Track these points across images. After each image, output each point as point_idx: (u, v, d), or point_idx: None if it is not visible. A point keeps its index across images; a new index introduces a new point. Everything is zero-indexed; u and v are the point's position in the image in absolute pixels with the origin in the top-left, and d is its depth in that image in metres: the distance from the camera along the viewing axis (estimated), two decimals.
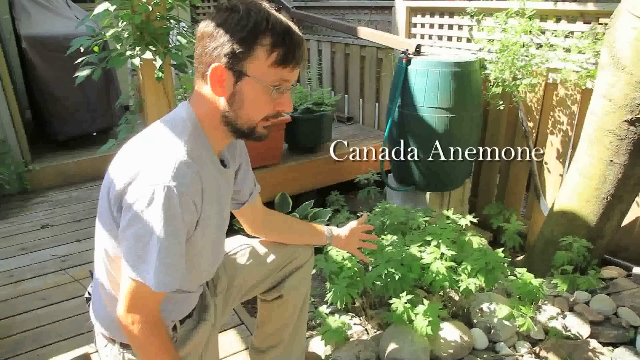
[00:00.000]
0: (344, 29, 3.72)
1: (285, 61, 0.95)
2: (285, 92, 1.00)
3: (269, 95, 0.97)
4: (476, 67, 2.50)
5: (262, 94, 0.97)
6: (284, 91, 0.99)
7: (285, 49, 0.94)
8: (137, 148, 0.99)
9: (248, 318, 1.97)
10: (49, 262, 2.40)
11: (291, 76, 0.99)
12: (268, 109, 1.00)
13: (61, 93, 3.40)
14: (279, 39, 0.93)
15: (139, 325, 0.96)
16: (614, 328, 1.89)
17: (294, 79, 1.01)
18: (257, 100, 0.98)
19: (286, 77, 0.98)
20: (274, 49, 0.93)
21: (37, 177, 3.31)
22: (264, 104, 0.99)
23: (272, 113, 1.01)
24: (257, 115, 1.00)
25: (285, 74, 0.97)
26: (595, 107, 1.94)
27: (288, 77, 0.98)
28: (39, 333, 1.88)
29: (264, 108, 0.99)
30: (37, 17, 3.58)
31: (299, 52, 0.97)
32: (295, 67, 0.98)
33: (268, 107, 0.99)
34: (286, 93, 1.00)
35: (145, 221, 0.90)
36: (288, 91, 1.01)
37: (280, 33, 0.94)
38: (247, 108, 0.98)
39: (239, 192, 1.29)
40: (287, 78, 0.98)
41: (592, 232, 2.11)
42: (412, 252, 1.85)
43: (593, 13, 2.30)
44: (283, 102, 1.00)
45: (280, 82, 0.97)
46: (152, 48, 1.91)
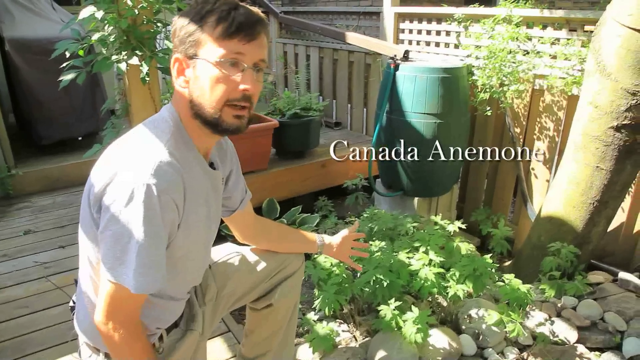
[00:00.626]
0: (332, 35, 3.73)
1: (231, 32, 0.91)
2: (246, 70, 0.94)
3: (221, 72, 0.93)
4: (463, 73, 2.52)
5: (217, 73, 0.92)
6: (243, 69, 0.94)
7: (230, 20, 0.91)
8: (118, 149, 0.97)
9: (235, 325, 1.95)
10: (31, 269, 2.35)
11: (245, 49, 0.93)
12: (227, 90, 0.94)
13: (45, 97, 3.35)
14: (224, 14, 0.91)
15: (119, 331, 0.93)
16: (601, 333, 1.90)
17: (254, 55, 0.95)
18: (212, 81, 0.93)
19: (238, 49, 0.92)
20: (218, 24, 0.91)
21: (21, 182, 3.25)
22: (219, 83, 0.93)
23: (235, 96, 0.95)
24: (214, 98, 0.94)
25: (235, 46, 0.92)
26: (581, 113, 1.96)
27: (241, 50, 0.93)
28: (21, 342, 1.84)
29: (220, 88, 0.93)
30: (21, 20, 3.52)
31: (246, 23, 0.92)
32: (246, 39, 0.93)
33: (226, 87, 0.93)
34: (247, 71, 0.94)
35: (124, 221, 0.87)
36: (250, 69, 0.94)
37: (226, 9, 0.91)
38: (206, 92, 0.94)
39: (230, 198, 1.27)
40: (240, 51, 0.93)
41: (578, 237, 2.13)
42: (400, 258, 1.84)
43: (579, 20, 2.33)
44: (245, 81, 0.94)
45: (232, 56, 0.92)
46: (138, 52, 1.88)
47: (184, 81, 0.97)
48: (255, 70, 0.96)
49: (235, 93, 0.95)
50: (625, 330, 1.88)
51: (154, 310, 1.06)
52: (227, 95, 0.94)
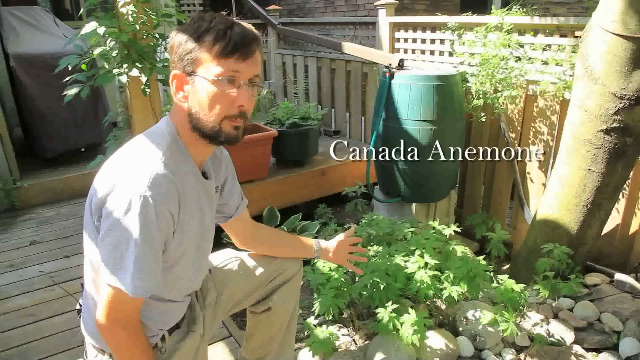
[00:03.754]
0: (329, 45, 3.79)
1: (228, 51, 0.96)
2: (242, 86, 1.00)
3: (219, 89, 0.98)
4: (457, 81, 2.57)
5: (215, 90, 0.98)
6: (240, 86, 0.99)
7: (227, 40, 0.96)
8: (118, 160, 1.02)
9: (237, 331, 1.99)
10: (37, 278, 2.40)
11: (242, 67, 0.98)
12: (225, 105, 0.99)
13: (49, 110, 3.42)
14: (220, 34, 0.96)
15: (119, 332, 0.98)
16: (598, 334, 1.92)
17: (249, 72, 1.00)
18: (210, 97, 0.98)
19: (235, 67, 0.98)
20: (215, 43, 0.96)
21: (26, 194, 3.31)
22: (219, 99, 0.99)
23: (233, 112, 1.01)
24: (215, 113, 1.00)
25: (232, 65, 0.97)
26: (572, 117, 2.00)
27: (237, 68, 0.98)
28: (27, 349, 1.88)
29: (220, 104, 0.99)
30: (25, 36, 3.61)
31: (242, 43, 0.97)
32: (242, 57, 0.98)
33: (224, 102, 0.99)
34: (243, 87, 1.00)
35: (123, 229, 0.93)
36: (245, 86, 1.00)
37: (222, 29, 0.96)
38: (204, 107, 0.99)
39: (226, 205, 1.32)
40: (236, 69, 0.98)
41: (573, 239, 2.16)
42: (396, 262, 1.88)
43: (568, 27, 2.38)
44: (240, 98, 0.99)
45: (229, 74, 0.98)
46: (138, 65, 1.94)
47: (183, 96, 1.02)
48: (251, 85, 1.02)
49: (232, 109, 1.00)
50: (622, 331, 1.90)
51: (155, 312, 1.11)
52: (225, 112, 1.00)
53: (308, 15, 6.56)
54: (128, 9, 1.92)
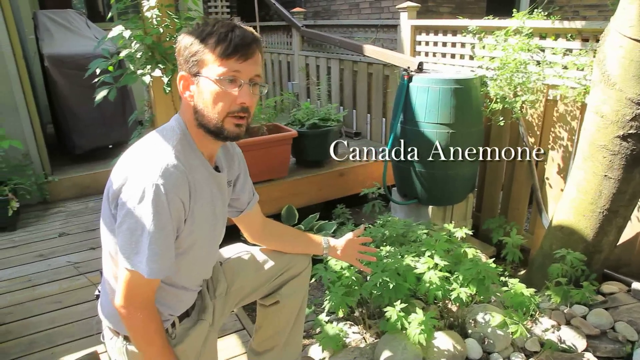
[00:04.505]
0: (350, 47, 3.83)
1: (229, 53, 1.03)
2: (243, 85, 1.06)
3: (221, 88, 1.04)
4: (476, 84, 2.57)
5: (217, 89, 1.05)
6: (241, 85, 1.05)
7: (228, 42, 1.02)
8: (132, 154, 1.10)
9: (250, 324, 2.05)
10: (64, 268, 2.52)
11: (242, 67, 1.05)
12: (227, 103, 1.06)
13: (80, 109, 3.58)
14: (222, 36, 1.03)
15: (136, 314, 1.06)
16: (611, 342, 1.90)
17: (249, 72, 1.06)
18: (214, 96, 1.05)
19: (235, 67, 1.04)
20: (217, 45, 1.03)
21: (56, 188, 3.47)
22: (221, 98, 1.05)
23: (235, 108, 1.07)
24: (217, 110, 1.06)
25: (233, 65, 1.04)
26: (588, 122, 1.99)
27: (238, 68, 1.04)
28: (52, 334, 1.99)
29: (221, 102, 1.06)
30: (59, 37, 3.78)
31: (242, 44, 1.03)
32: (243, 58, 1.04)
33: (226, 101, 1.05)
34: (244, 86, 1.06)
35: (137, 216, 1.00)
36: (246, 85, 1.06)
37: (224, 32, 1.03)
38: (209, 105, 1.06)
39: (238, 200, 1.38)
40: (237, 69, 1.04)
41: (589, 246, 2.14)
42: (407, 262, 1.90)
43: (590, 31, 2.35)
44: (241, 95, 1.06)
45: (230, 73, 1.04)
46: (161, 66, 2.03)
47: (189, 95, 1.09)
48: (252, 84, 1.08)
49: (234, 106, 1.07)
50: (636, 341, 1.88)
51: (167, 298, 1.18)
52: (228, 108, 1.07)
53: (333, 17, 6.61)
54: (152, 13, 2.01)
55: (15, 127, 3.27)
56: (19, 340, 1.95)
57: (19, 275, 2.47)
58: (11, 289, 2.34)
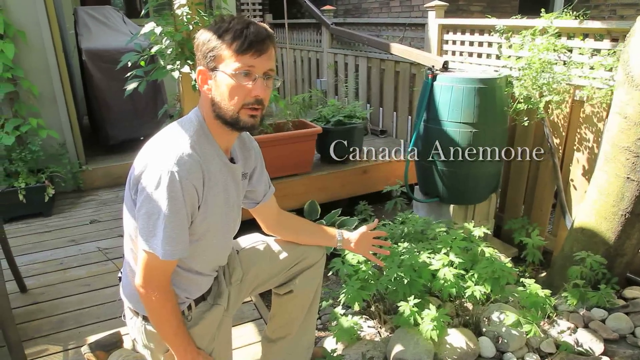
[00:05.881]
0: (377, 45, 3.85)
1: (244, 48, 1.09)
2: (257, 79, 1.12)
3: (237, 82, 1.11)
4: (500, 84, 2.55)
5: (233, 83, 1.11)
6: (255, 79, 1.12)
7: (243, 39, 1.08)
8: (153, 144, 1.17)
9: (267, 313, 2.11)
10: (93, 253, 2.65)
11: (256, 62, 1.11)
12: (242, 96, 1.12)
13: (114, 101, 3.72)
14: (237, 33, 1.08)
15: (153, 293, 1.13)
16: (630, 347, 1.88)
17: (263, 66, 1.12)
18: (230, 89, 1.11)
19: (250, 63, 1.10)
20: (233, 42, 1.09)
21: (90, 177, 3.62)
22: (237, 91, 1.11)
23: (249, 100, 1.13)
24: (234, 102, 1.13)
25: (248, 61, 1.10)
26: (611, 124, 1.96)
27: (252, 63, 1.10)
28: (80, 314, 2.11)
29: (238, 95, 1.12)
30: (96, 33, 3.93)
31: (256, 40, 1.09)
32: (257, 54, 1.10)
33: (242, 93, 1.12)
34: (258, 80, 1.12)
35: (154, 201, 1.07)
36: (260, 78, 1.12)
37: (239, 29, 1.09)
38: (225, 98, 1.13)
39: (254, 191, 1.44)
40: (252, 64, 1.10)
41: (610, 249, 2.11)
42: (422, 258, 1.92)
43: (620, 31, 2.30)
44: (256, 89, 1.12)
45: (245, 68, 1.10)
46: (190, 62, 2.10)
47: (207, 89, 1.16)
48: (265, 78, 1.14)
49: (249, 98, 1.13)
50: None
51: (183, 282, 1.25)
52: (243, 100, 1.13)
53: (363, 15, 6.61)
54: (183, 11, 2.09)
55: (53, 118, 3.43)
56: (49, 318, 2.07)
57: (52, 258, 2.61)
58: (45, 271, 2.47)
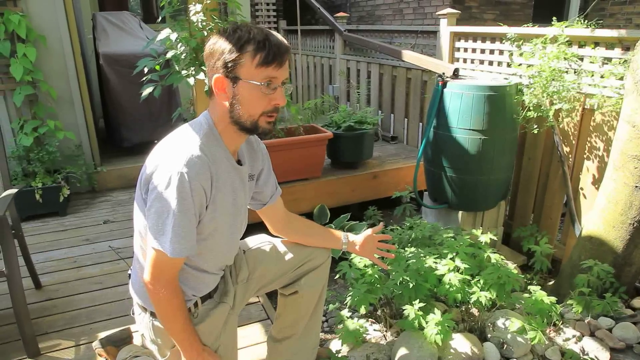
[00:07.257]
0: (388, 52, 3.88)
1: (268, 61, 1.14)
2: (277, 88, 1.18)
3: (261, 92, 1.16)
4: (510, 91, 2.56)
5: (255, 92, 1.16)
6: (275, 88, 1.17)
7: (266, 51, 1.13)
8: (164, 145, 1.22)
9: (274, 314, 2.14)
10: (106, 252, 2.71)
11: (278, 73, 1.16)
12: (264, 105, 1.18)
13: (129, 104, 3.80)
14: (260, 45, 1.13)
15: (161, 288, 1.17)
16: (636, 357, 1.87)
17: (282, 77, 1.18)
18: (252, 98, 1.16)
19: (273, 74, 1.15)
20: (256, 53, 1.13)
21: (104, 178, 3.70)
22: (259, 100, 1.17)
23: (269, 108, 1.19)
24: (255, 111, 1.18)
25: (271, 72, 1.15)
26: (620, 132, 1.96)
27: (275, 75, 1.16)
28: (93, 311, 2.16)
29: (259, 104, 1.17)
30: (113, 37, 4.03)
31: (279, 53, 1.14)
32: (278, 66, 1.15)
33: (263, 102, 1.17)
34: (278, 89, 1.18)
35: (164, 200, 1.12)
36: (280, 88, 1.18)
37: (261, 40, 1.13)
38: (246, 106, 1.17)
39: (261, 193, 1.48)
40: (274, 75, 1.15)
41: (618, 258, 2.11)
42: (429, 263, 1.94)
43: (631, 39, 2.30)
44: (276, 97, 1.18)
45: (268, 79, 1.15)
46: (204, 68, 2.15)
47: (224, 96, 1.19)
48: (282, 86, 1.20)
49: (269, 107, 1.19)
50: None
51: (190, 279, 1.29)
52: (264, 108, 1.19)
53: (377, 22, 6.66)
54: (198, 17, 2.14)
55: (70, 120, 3.51)
56: (62, 314, 2.13)
57: (66, 256, 2.67)
58: (59, 269, 2.54)
